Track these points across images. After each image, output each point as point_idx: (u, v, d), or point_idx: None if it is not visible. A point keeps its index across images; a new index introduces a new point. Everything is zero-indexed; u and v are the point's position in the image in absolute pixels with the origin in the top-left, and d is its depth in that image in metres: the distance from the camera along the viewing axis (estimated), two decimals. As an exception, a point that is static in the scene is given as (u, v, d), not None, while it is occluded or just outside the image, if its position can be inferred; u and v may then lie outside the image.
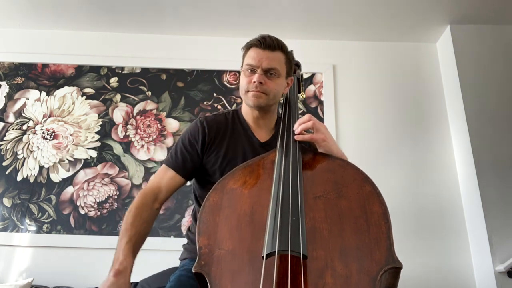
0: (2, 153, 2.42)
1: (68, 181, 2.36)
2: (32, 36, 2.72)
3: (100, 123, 2.51)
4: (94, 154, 2.43)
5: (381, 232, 0.82)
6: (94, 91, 2.60)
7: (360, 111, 2.58)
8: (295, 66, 1.50)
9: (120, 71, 2.65)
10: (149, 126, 2.52)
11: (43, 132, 2.48)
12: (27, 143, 2.45)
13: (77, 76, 2.63)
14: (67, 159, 2.41)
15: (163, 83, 2.62)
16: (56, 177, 2.37)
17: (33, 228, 2.25)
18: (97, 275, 2.13)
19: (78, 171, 2.39)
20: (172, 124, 2.52)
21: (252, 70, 1.22)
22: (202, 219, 0.89)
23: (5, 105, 2.54)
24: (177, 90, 2.61)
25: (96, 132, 2.49)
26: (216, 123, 1.29)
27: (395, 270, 0.77)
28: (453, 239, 2.26)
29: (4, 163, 2.39)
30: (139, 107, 2.56)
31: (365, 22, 2.61)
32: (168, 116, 2.54)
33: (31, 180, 2.36)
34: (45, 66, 2.65)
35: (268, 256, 0.75)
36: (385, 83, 2.65)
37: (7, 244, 2.20)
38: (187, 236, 1.32)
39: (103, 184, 2.36)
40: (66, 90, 2.60)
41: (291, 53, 1.33)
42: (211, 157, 1.25)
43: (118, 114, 2.54)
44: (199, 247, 0.82)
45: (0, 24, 2.70)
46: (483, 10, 2.46)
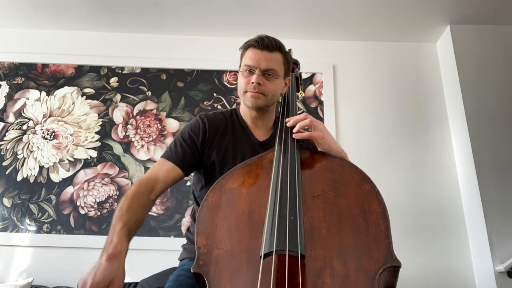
0: (2, 153, 2.42)
1: (68, 181, 2.36)
2: (32, 36, 2.72)
3: (100, 123, 2.51)
4: (94, 154, 2.43)
5: (379, 231, 0.82)
6: (94, 91, 2.60)
7: (360, 111, 2.58)
8: (293, 64, 1.49)
9: (120, 71, 2.65)
10: (149, 126, 2.52)
11: (43, 132, 2.48)
12: (27, 143, 2.45)
13: (77, 76, 2.63)
14: (67, 159, 2.41)
15: (163, 83, 2.62)
16: (56, 177, 2.37)
17: (33, 228, 2.25)
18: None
19: (78, 171, 2.39)
20: (172, 124, 2.52)
21: (250, 70, 1.22)
22: (201, 219, 0.89)
23: (5, 105, 2.54)
24: (177, 90, 2.61)
25: (96, 132, 2.49)
26: (216, 121, 1.29)
27: (394, 269, 0.77)
28: (453, 239, 2.26)
29: (4, 163, 2.39)
30: (139, 107, 2.56)
31: (365, 22, 2.60)
32: (168, 116, 2.54)
33: (31, 180, 2.36)
34: (45, 66, 2.65)
35: (266, 256, 0.75)
36: (385, 83, 2.65)
37: (7, 244, 2.20)
38: (186, 236, 1.32)
39: (103, 184, 2.36)
40: (66, 90, 2.60)
41: (289, 52, 1.33)
42: (210, 155, 1.24)
43: (118, 114, 2.54)
44: (197, 247, 0.82)
45: (0, 24, 2.71)
46: (483, 10, 2.46)
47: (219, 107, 2.57)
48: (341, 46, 2.76)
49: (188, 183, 2.34)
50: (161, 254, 2.13)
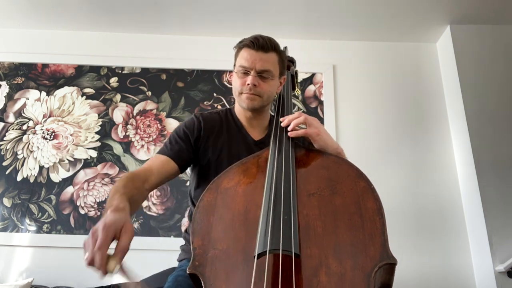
0: (2, 153, 2.42)
1: (68, 181, 2.36)
2: (32, 36, 2.72)
3: (100, 123, 2.51)
4: (94, 154, 2.43)
5: (375, 228, 0.81)
6: (94, 91, 2.59)
7: (360, 111, 2.58)
8: (289, 62, 1.48)
9: (120, 71, 2.65)
10: (149, 126, 2.52)
11: (43, 132, 2.48)
12: (27, 143, 2.45)
13: (77, 76, 2.63)
14: (67, 159, 2.41)
15: (163, 83, 2.62)
16: (56, 177, 2.37)
17: (33, 228, 2.25)
18: (97, 275, 2.13)
19: (78, 171, 2.39)
20: (172, 124, 2.52)
21: (245, 71, 1.21)
22: (196, 219, 0.88)
23: (5, 105, 2.54)
24: (177, 90, 2.61)
25: (96, 132, 2.49)
26: (211, 121, 1.29)
27: (390, 266, 0.76)
28: (453, 239, 2.26)
29: (4, 163, 2.39)
30: (139, 107, 2.56)
31: (365, 22, 2.60)
32: (168, 116, 2.54)
33: (31, 180, 2.35)
34: (45, 66, 2.65)
35: (260, 255, 0.75)
36: (385, 83, 2.65)
37: (7, 244, 2.20)
38: (184, 237, 1.32)
39: (103, 184, 2.36)
40: (66, 90, 2.60)
41: (284, 52, 1.31)
42: (205, 154, 1.24)
43: (118, 114, 2.54)
44: (193, 248, 0.81)
45: (0, 24, 2.71)
46: (483, 10, 2.46)
47: (219, 107, 2.57)
48: (341, 46, 2.76)
49: (188, 183, 2.34)
50: (161, 254, 2.13)
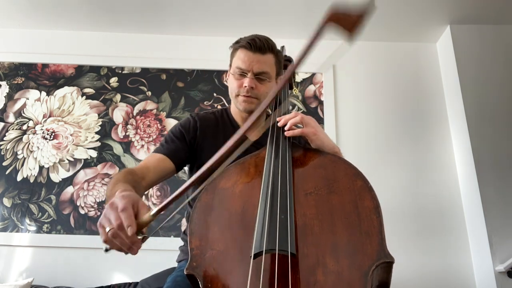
0: (2, 153, 2.42)
1: (68, 181, 2.36)
2: (32, 36, 2.72)
3: (100, 123, 2.51)
4: (94, 154, 2.43)
5: (372, 227, 0.81)
6: (94, 91, 2.59)
7: (360, 111, 2.57)
8: (287, 62, 1.48)
9: (120, 71, 2.65)
10: (149, 126, 2.52)
11: (43, 132, 2.48)
12: (27, 143, 2.45)
13: (77, 76, 2.63)
14: (67, 159, 2.41)
15: (163, 83, 2.62)
16: (56, 177, 2.37)
17: (33, 228, 2.25)
18: (97, 275, 2.14)
19: (78, 171, 2.39)
20: (172, 124, 2.51)
21: (242, 73, 1.20)
22: (194, 220, 0.88)
23: (5, 105, 2.54)
24: (177, 90, 2.61)
25: (96, 132, 2.48)
26: (207, 121, 1.28)
27: (387, 265, 0.76)
28: (453, 239, 2.25)
29: (4, 163, 2.39)
30: (139, 107, 2.56)
31: (365, 22, 2.60)
32: (168, 116, 2.54)
33: (31, 180, 2.35)
34: (45, 66, 2.65)
35: (256, 256, 0.74)
36: (385, 83, 2.65)
37: (7, 244, 2.20)
38: (183, 238, 1.32)
39: (103, 184, 2.36)
40: (66, 90, 2.60)
41: (281, 52, 1.30)
42: (201, 155, 1.23)
43: (118, 114, 2.54)
44: (190, 248, 0.81)
45: (0, 24, 2.70)
46: (483, 10, 2.46)
47: (219, 107, 2.57)
48: (341, 46, 2.76)
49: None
50: (161, 254, 2.13)
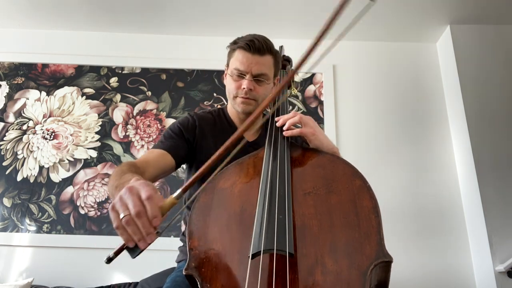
0: (2, 153, 2.42)
1: (68, 181, 2.36)
2: (32, 36, 2.72)
3: (100, 123, 2.51)
4: (94, 154, 2.43)
5: (371, 227, 0.81)
6: (94, 91, 2.59)
7: (360, 111, 2.57)
8: (285, 61, 1.47)
9: (120, 71, 2.65)
10: (149, 126, 2.52)
11: (43, 132, 2.48)
12: (27, 143, 2.45)
13: (77, 76, 2.63)
14: (67, 159, 2.41)
15: (163, 83, 2.62)
16: (56, 177, 2.37)
17: (33, 228, 2.25)
18: (97, 275, 2.13)
19: (78, 171, 2.39)
20: (172, 124, 2.52)
21: (240, 75, 1.20)
22: (192, 220, 0.87)
23: (5, 105, 2.54)
24: (177, 90, 2.61)
25: (96, 132, 2.48)
26: (204, 120, 1.28)
27: (386, 264, 0.76)
28: (453, 239, 2.25)
29: (4, 163, 2.39)
30: (139, 107, 2.56)
31: (365, 22, 2.60)
32: (168, 116, 2.54)
33: (31, 180, 2.35)
34: (45, 66, 2.65)
35: (255, 256, 0.74)
36: (385, 83, 2.65)
37: (7, 244, 2.20)
38: (182, 239, 1.32)
39: (103, 184, 2.36)
40: (66, 90, 2.60)
41: (279, 53, 1.30)
42: (200, 154, 1.22)
43: (118, 114, 2.54)
44: (189, 249, 0.81)
45: (0, 24, 2.70)
46: (483, 10, 2.46)
47: (219, 107, 2.56)
48: (341, 46, 2.75)
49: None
50: (161, 254, 2.12)
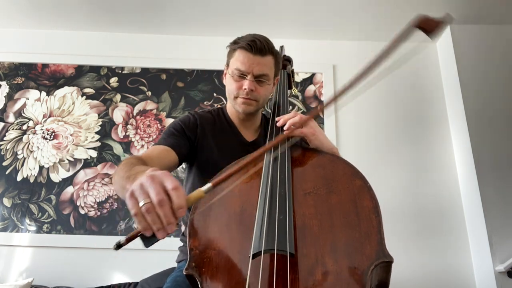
0: (2, 153, 2.42)
1: (68, 181, 2.36)
2: (32, 36, 2.72)
3: (100, 123, 2.51)
4: (94, 154, 2.43)
5: (371, 227, 0.81)
6: (94, 91, 2.59)
7: (360, 111, 2.57)
8: (286, 61, 1.47)
9: (120, 71, 2.65)
10: (149, 126, 2.52)
11: (43, 132, 2.48)
12: (27, 143, 2.45)
13: (77, 76, 2.63)
14: (67, 159, 2.41)
15: (163, 83, 2.62)
16: (56, 177, 2.37)
17: (33, 228, 2.25)
18: (97, 275, 2.14)
19: (78, 171, 2.39)
20: (172, 124, 2.51)
21: (241, 75, 1.19)
22: (193, 220, 0.87)
23: (5, 105, 2.54)
24: (177, 90, 2.61)
25: (96, 132, 2.48)
26: (205, 119, 1.28)
27: (386, 264, 0.76)
28: (453, 239, 2.25)
29: (4, 163, 2.39)
30: (139, 107, 2.56)
31: (365, 22, 2.60)
32: (168, 116, 2.54)
33: (31, 180, 2.35)
34: (45, 66, 2.65)
35: (255, 256, 0.74)
36: (385, 83, 2.65)
37: (7, 244, 2.20)
38: (182, 240, 1.32)
39: (103, 184, 2.36)
40: (66, 90, 2.60)
41: (279, 53, 1.30)
42: (200, 153, 1.22)
43: (118, 114, 2.54)
44: (189, 249, 0.81)
45: (0, 24, 2.70)
46: (483, 10, 2.46)
47: (218, 107, 2.56)
48: (341, 46, 2.76)
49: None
50: (161, 254, 2.13)
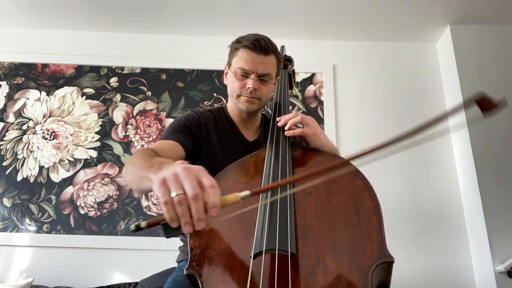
0: (2, 153, 2.42)
1: (68, 181, 2.36)
2: (32, 36, 2.72)
3: (100, 123, 2.51)
4: (94, 154, 2.43)
5: (372, 227, 0.81)
6: (94, 91, 2.59)
7: (360, 111, 2.57)
8: (286, 61, 1.48)
9: (120, 71, 2.65)
10: (149, 126, 2.52)
11: (43, 132, 2.48)
12: (27, 143, 2.45)
13: (77, 76, 2.63)
14: (67, 159, 2.41)
15: (163, 83, 2.62)
16: (56, 177, 2.37)
17: (33, 228, 2.25)
18: (97, 275, 2.14)
19: (78, 171, 2.39)
20: (172, 124, 2.51)
21: (245, 74, 1.20)
22: None
23: (5, 105, 2.54)
24: (177, 90, 2.61)
25: (96, 132, 2.48)
26: (207, 118, 1.28)
27: (387, 265, 0.76)
28: (453, 239, 2.25)
29: (4, 163, 2.39)
30: (139, 107, 2.56)
31: (365, 22, 2.60)
32: (168, 116, 2.54)
33: (31, 180, 2.35)
34: (45, 66, 2.65)
35: (256, 256, 0.74)
36: (385, 83, 2.65)
37: (7, 244, 2.20)
38: (182, 239, 1.32)
39: (103, 184, 2.36)
40: (66, 90, 2.60)
41: (281, 52, 1.31)
42: (202, 152, 1.22)
43: (118, 114, 2.54)
44: (190, 248, 0.81)
45: (0, 24, 2.70)
46: (483, 10, 2.46)
47: (219, 106, 2.56)
48: (341, 46, 2.76)
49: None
50: (161, 254, 2.13)
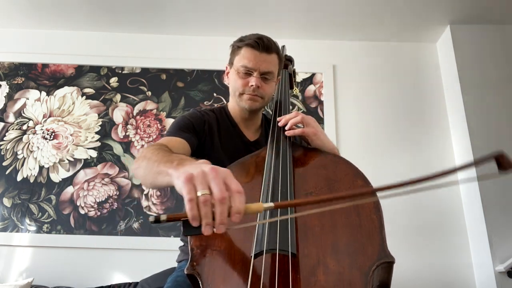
0: (2, 153, 2.42)
1: (68, 181, 2.36)
2: (32, 36, 2.72)
3: (100, 123, 2.51)
4: (94, 154, 2.43)
5: (373, 227, 0.81)
6: (94, 91, 2.59)
7: (360, 111, 2.57)
8: (287, 61, 1.48)
9: (120, 71, 2.65)
10: (149, 126, 2.52)
11: (43, 132, 2.48)
12: (27, 143, 2.45)
13: (77, 76, 2.63)
14: (67, 159, 2.41)
15: (163, 83, 2.62)
16: (56, 177, 2.37)
17: (33, 228, 2.25)
18: (97, 275, 2.14)
19: (78, 171, 2.39)
20: (172, 124, 2.51)
21: (248, 72, 1.20)
22: None
23: (5, 105, 2.54)
24: (177, 90, 2.61)
25: (96, 132, 2.48)
26: (210, 117, 1.28)
27: (388, 265, 0.76)
28: (453, 239, 2.25)
29: (4, 163, 2.39)
30: (139, 107, 2.56)
31: (365, 22, 2.60)
32: (168, 116, 2.54)
33: (31, 180, 2.35)
34: (45, 66, 2.65)
35: (257, 255, 0.74)
36: (385, 83, 2.65)
37: (7, 244, 2.20)
38: (182, 239, 1.32)
39: (103, 184, 2.36)
40: (66, 90, 2.60)
41: (282, 52, 1.31)
42: (207, 151, 1.22)
43: (118, 114, 2.54)
44: (191, 248, 0.81)
45: (0, 24, 2.70)
46: (483, 10, 2.46)
47: (219, 106, 2.56)
48: (341, 46, 2.76)
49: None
50: (161, 254, 2.13)
